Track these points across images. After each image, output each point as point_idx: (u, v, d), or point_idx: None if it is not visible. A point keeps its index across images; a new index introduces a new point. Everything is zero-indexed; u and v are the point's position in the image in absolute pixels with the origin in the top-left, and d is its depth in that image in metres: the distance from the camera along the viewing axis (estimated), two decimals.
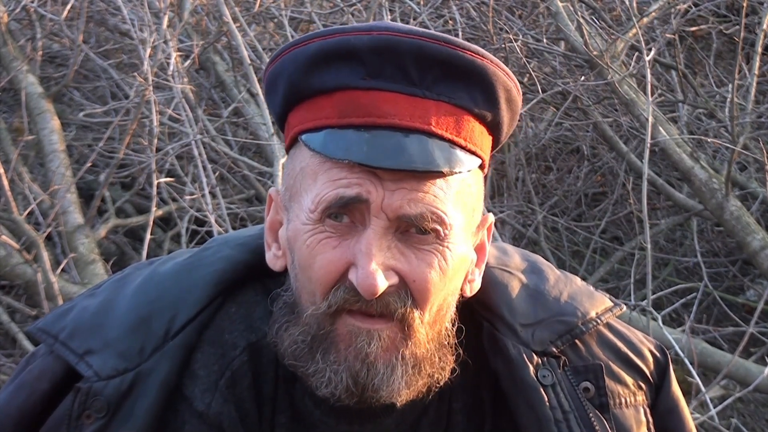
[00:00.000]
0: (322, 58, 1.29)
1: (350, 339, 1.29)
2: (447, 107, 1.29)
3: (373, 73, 1.27)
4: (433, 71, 1.28)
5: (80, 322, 1.40)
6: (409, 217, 1.26)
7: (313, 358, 1.30)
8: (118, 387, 1.34)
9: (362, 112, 1.27)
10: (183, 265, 1.43)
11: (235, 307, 1.41)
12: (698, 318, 4.89)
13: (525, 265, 1.48)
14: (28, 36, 5.19)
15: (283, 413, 1.39)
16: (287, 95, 1.33)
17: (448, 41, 1.28)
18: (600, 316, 1.44)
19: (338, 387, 1.29)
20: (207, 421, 1.36)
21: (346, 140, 1.26)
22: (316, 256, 1.28)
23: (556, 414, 1.36)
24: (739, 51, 4.44)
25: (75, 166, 4.78)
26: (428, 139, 1.27)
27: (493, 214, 4.79)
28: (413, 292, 1.29)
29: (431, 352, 1.32)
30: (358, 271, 1.25)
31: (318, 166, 1.28)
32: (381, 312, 1.28)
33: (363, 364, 1.28)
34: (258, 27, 5.33)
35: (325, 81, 1.29)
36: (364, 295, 1.26)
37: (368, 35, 1.27)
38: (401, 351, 1.29)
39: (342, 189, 1.26)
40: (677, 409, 1.50)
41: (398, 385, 1.29)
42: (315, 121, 1.29)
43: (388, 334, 1.29)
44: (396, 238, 1.28)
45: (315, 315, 1.29)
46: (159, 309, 1.38)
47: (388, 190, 1.26)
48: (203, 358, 1.38)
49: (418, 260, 1.28)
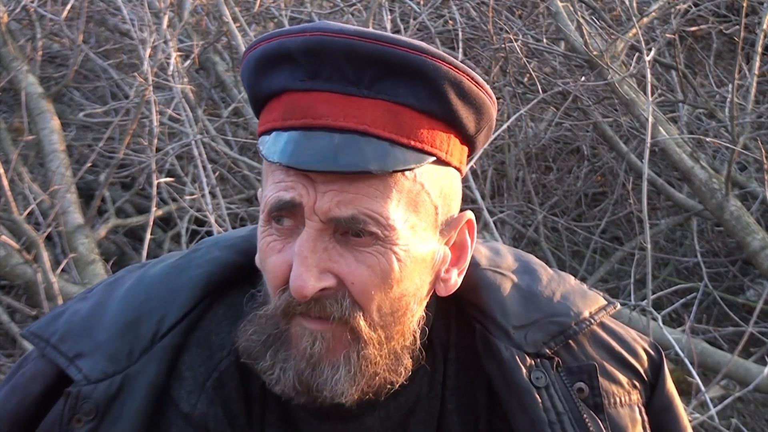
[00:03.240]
0: (267, 61, 1.29)
1: (298, 339, 1.29)
2: (386, 105, 1.26)
3: (311, 74, 1.27)
4: (370, 70, 1.26)
5: (71, 326, 1.40)
6: (340, 219, 1.25)
7: (264, 355, 1.30)
8: (106, 390, 1.35)
9: (300, 114, 1.26)
10: (172, 267, 1.43)
11: (222, 308, 1.41)
12: (698, 318, 4.89)
13: (517, 265, 1.47)
14: (28, 36, 5.20)
15: (273, 412, 1.39)
16: (250, 99, 1.35)
17: (380, 38, 1.26)
18: (593, 315, 1.44)
19: (287, 385, 1.29)
20: (192, 422, 1.36)
21: (283, 142, 1.26)
22: (267, 259, 1.29)
23: (549, 416, 1.35)
24: (739, 51, 4.44)
25: (75, 166, 4.79)
26: (361, 139, 1.25)
27: (493, 214, 4.80)
28: (353, 294, 1.27)
29: (384, 354, 1.31)
30: (292, 272, 1.25)
31: (266, 169, 1.30)
32: (318, 314, 1.27)
33: (307, 363, 1.28)
34: (258, 27, 5.34)
35: (270, 84, 1.29)
36: (296, 296, 1.25)
37: (301, 37, 1.27)
38: (347, 352, 1.29)
39: (281, 192, 1.26)
40: (672, 407, 1.49)
41: (342, 385, 1.29)
42: (266, 123, 1.30)
43: (332, 335, 1.28)
44: (335, 240, 1.26)
45: (266, 314, 1.30)
46: (147, 311, 1.38)
47: (319, 192, 1.25)
48: (190, 359, 1.38)
49: (358, 262, 1.26)
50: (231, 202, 4.79)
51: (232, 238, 1.46)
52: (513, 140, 5.47)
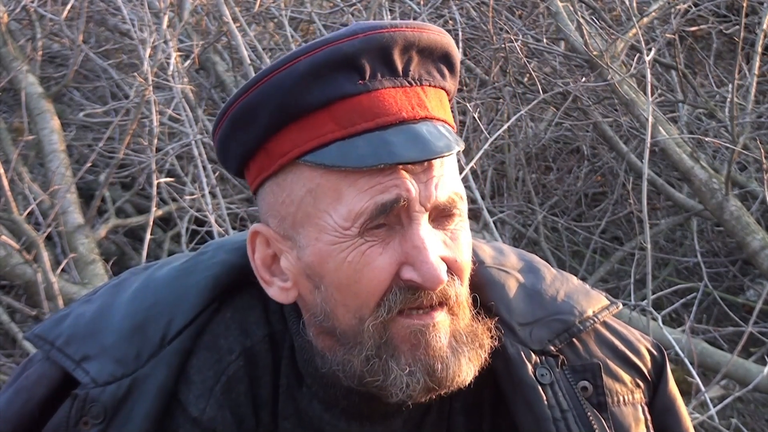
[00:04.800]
0: (316, 73, 1.26)
1: (416, 339, 1.28)
2: (430, 90, 1.31)
3: (368, 74, 1.27)
4: (411, 58, 1.29)
5: (77, 329, 1.40)
6: (440, 204, 1.28)
7: (388, 369, 1.29)
8: (114, 393, 1.35)
9: (369, 115, 1.26)
10: (179, 270, 1.43)
11: (230, 311, 1.41)
12: (698, 318, 4.89)
13: (521, 264, 1.48)
14: (28, 36, 5.19)
15: (288, 419, 1.39)
16: (272, 123, 1.29)
17: (420, 27, 1.31)
18: (597, 314, 1.45)
19: (416, 388, 1.29)
20: (201, 426, 1.36)
21: (364, 147, 1.25)
22: (363, 269, 1.27)
23: (554, 413, 1.36)
24: (739, 51, 4.44)
25: (75, 166, 4.78)
26: (433, 124, 1.29)
27: (493, 214, 4.80)
28: (456, 271, 1.31)
29: (471, 322, 1.33)
30: (421, 266, 1.26)
31: (338, 182, 1.26)
32: (440, 300, 1.29)
33: (435, 359, 1.29)
34: (258, 27, 5.33)
35: (321, 95, 1.26)
36: (432, 287, 1.27)
37: (357, 38, 1.27)
38: (454, 332, 1.31)
39: (379, 196, 1.25)
40: (674, 407, 1.50)
41: (467, 367, 1.30)
42: (317, 138, 1.27)
43: (442, 319, 1.30)
44: (432, 226, 1.29)
45: (375, 325, 1.28)
46: (155, 314, 1.38)
47: (420, 183, 1.27)
48: (198, 363, 1.38)
49: (453, 241, 1.30)
50: (231, 202, 4.79)
51: (239, 240, 1.45)
52: (513, 140, 5.47)
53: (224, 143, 1.35)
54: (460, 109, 4.72)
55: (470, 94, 4.90)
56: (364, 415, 1.36)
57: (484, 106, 5.16)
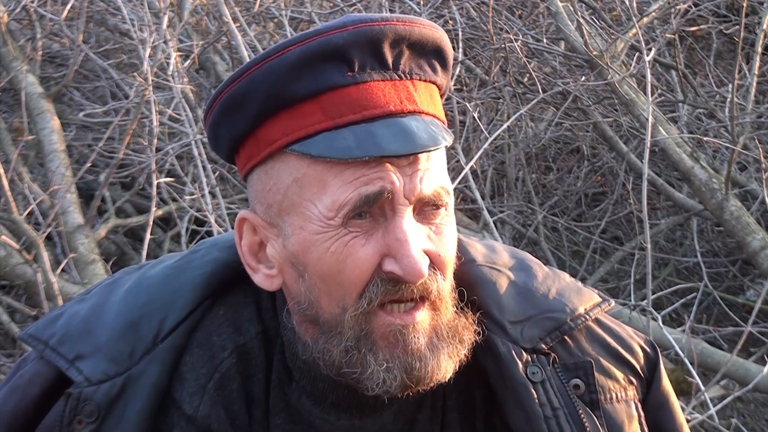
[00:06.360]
0: (306, 62, 1.27)
1: (395, 338, 1.29)
2: (420, 84, 1.31)
3: (357, 67, 1.27)
4: (401, 52, 1.30)
5: (70, 328, 1.40)
6: (425, 197, 1.28)
7: (365, 363, 1.29)
8: (108, 391, 1.35)
9: (357, 107, 1.27)
10: (172, 268, 1.43)
11: (223, 309, 1.41)
12: (698, 318, 4.89)
13: (513, 262, 1.47)
14: (28, 36, 5.20)
15: (279, 415, 1.39)
16: (262, 111, 1.29)
17: (409, 20, 1.30)
18: (589, 311, 1.44)
19: (392, 384, 1.29)
20: (195, 423, 1.36)
21: (350, 139, 1.26)
22: (346, 259, 1.27)
23: (545, 411, 1.36)
24: (739, 51, 4.44)
25: (75, 166, 4.79)
26: (421, 118, 1.29)
27: (493, 214, 4.80)
28: (438, 265, 1.31)
29: (453, 316, 1.33)
30: (402, 259, 1.26)
31: (324, 172, 1.27)
32: (421, 294, 1.29)
33: (414, 358, 1.29)
34: (258, 27, 5.34)
35: (314, 83, 1.27)
36: (412, 281, 1.27)
37: (347, 30, 1.27)
38: (435, 328, 1.31)
39: (364, 187, 1.26)
40: (668, 404, 1.50)
41: (446, 363, 1.30)
42: (305, 128, 1.27)
43: (422, 318, 1.30)
44: (416, 219, 1.29)
45: (355, 316, 1.28)
46: (148, 312, 1.38)
47: (405, 176, 1.27)
48: (192, 360, 1.38)
49: (439, 235, 1.30)
50: (231, 202, 4.79)
51: (232, 238, 1.45)
52: (513, 140, 5.47)
53: (215, 129, 1.36)
54: (460, 109, 4.72)
55: (470, 94, 4.91)
56: (353, 408, 1.36)
57: (484, 106, 5.16)
